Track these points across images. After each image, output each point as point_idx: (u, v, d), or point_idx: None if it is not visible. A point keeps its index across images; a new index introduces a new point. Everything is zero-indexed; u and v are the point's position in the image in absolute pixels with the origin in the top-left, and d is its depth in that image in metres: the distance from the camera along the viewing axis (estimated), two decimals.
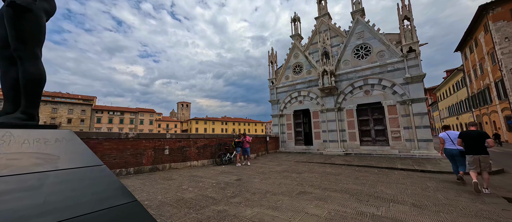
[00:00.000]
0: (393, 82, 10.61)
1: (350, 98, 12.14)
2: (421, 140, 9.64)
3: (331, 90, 12.50)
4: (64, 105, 49.95)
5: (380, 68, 11.12)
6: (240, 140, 8.73)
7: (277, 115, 15.17)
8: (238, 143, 8.57)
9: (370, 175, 6.31)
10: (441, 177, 6.03)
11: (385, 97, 10.96)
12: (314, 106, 13.60)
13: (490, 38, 19.09)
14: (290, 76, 15.08)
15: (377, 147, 11.01)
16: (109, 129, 55.96)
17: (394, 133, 10.52)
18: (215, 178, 5.85)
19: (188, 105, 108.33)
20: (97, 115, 55.91)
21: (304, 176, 6.23)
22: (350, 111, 12.05)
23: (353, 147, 11.72)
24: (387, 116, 10.82)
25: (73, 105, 51.70)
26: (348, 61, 12.40)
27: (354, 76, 12.01)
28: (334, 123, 12.35)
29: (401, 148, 10.27)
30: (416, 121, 9.82)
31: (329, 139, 12.45)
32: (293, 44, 15.03)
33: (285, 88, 15.14)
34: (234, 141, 8.62)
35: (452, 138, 5.36)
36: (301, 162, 9.58)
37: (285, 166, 8.44)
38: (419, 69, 9.90)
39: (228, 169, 7.47)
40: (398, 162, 8.34)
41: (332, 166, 8.16)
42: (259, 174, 6.51)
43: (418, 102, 9.83)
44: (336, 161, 9.35)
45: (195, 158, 7.95)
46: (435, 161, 8.28)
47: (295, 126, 14.58)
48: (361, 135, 11.71)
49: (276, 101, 15.39)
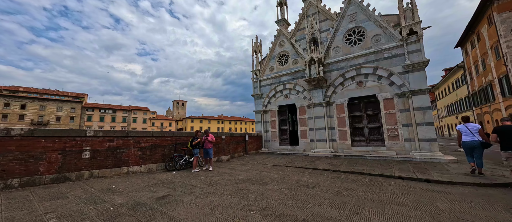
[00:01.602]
0: (390, 72, 8.95)
1: (341, 91, 10.45)
2: (423, 140, 8.00)
3: (319, 82, 10.80)
4: (53, 103, 48.38)
5: (376, 55, 9.44)
6: (200, 140, 6.98)
7: (260, 111, 13.44)
8: (197, 144, 6.80)
9: (357, 187, 4.62)
10: (454, 190, 4.36)
11: (381, 90, 9.29)
12: (301, 101, 11.90)
13: (494, 31, 17.59)
14: (275, 67, 13.34)
15: (371, 147, 9.35)
16: (101, 127, 54.34)
17: (391, 131, 8.87)
18: (133, 194, 4.09)
19: (184, 103, 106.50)
20: (87, 112, 54.75)
21: (266, 189, 4.51)
22: (341, 106, 10.37)
23: (344, 148, 10.04)
24: (382, 111, 9.16)
25: (62, 102, 50.38)
26: (338, 48, 10.70)
27: (345, 66, 10.32)
28: (323, 120, 10.67)
29: (399, 149, 8.63)
30: (417, 116, 8.17)
31: (317, 138, 10.76)
32: (279, 31, 13.28)
33: (270, 81, 13.40)
34: (190, 142, 6.83)
35: (471, 130, 5.21)
36: (278, 166, 7.87)
37: (254, 172, 6.71)
38: (422, 54, 8.24)
39: (173, 177, 5.70)
40: (396, 167, 6.68)
41: (312, 173, 6.46)
42: (206, 186, 4.77)
43: (420, 94, 8.18)
44: (321, 165, 7.66)
45: (137, 162, 6.16)
46: (441, 166, 6.64)
47: (280, 123, 12.87)
48: (353, 134, 10.04)
49: (260, 96, 13.65)
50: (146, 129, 64.60)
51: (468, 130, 5.29)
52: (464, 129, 5.35)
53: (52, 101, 47.87)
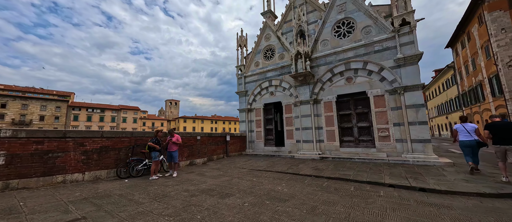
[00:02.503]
0: (381, 66, 8.20)
1: (329, 88, 9.64)
2: (415, 140, 7.27)
3: (306, 78, 9.95)
4: (36, 101, 46.07)
5: (366, 48, 8.68)
6: (163, 142, 5.93)
7: (244, 109, 12.47)
8: (155, 146, 5.71)
9: (339, 200, 3.73)
10: (456, 202, 3.54)
11: (371, 86, 8.53)
12: (287, 98, 11.02)
13: (485, 31, 17.40)
14: (261, 62, 12.41)
15: (360, 149, 8.57)
16: (88, 127, 52.23)
17: (382, 131, 8.11)
18: (34, 217, 3.04)
19: (177, 103, 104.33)
20: (74, 112, 52.70)
21: (223, 205, 3.55)
22: (329, 104, 9.56)
23: (332, 149, 9.23)
24: (373, 109, 8.39)
25: (46, 101, 48.20)
26: (327, 41, 9.89)
27: (334, 60, 9.52)
28: (309, 119, 9.82)
29: (390, 150, 7.87)
30: (410, 114, 7.44)
31: (303, 139, 9.90)
32: (265, 23, 12.37)
33: (255, 77, 12.46)
34: (148, 145, 5.74)
35: (468, 130, 5.36)
36: (257, 170, 6.94)
37: (225, 179, 5.74)
38: (415, 47, 7.52)
39: (117, 188, 4.64)
40: (386, 172, 5.87)
41: (291, 180, 5.55)
42: (148, 202, 3.75)
43: (413, 90, 7.45)
44: (304, 169, 6.77)
45: (78, 169, 5.06)
46: (436, 170, 5.88)
47: (266, 122, 11.95)
48: (341, 134, 9.24)
49: (244, 93, 12.68)
50: (136, 129, 62.43)
51: (465, 130, 5.42)
52: (462, 128, 5.50)
53: (36, 100, 45.57)
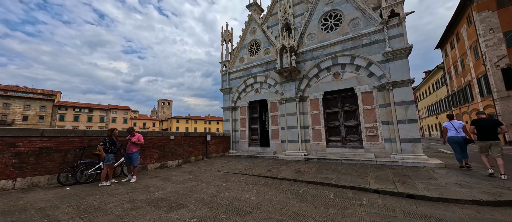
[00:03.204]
0: (369, 60, 7.67)
1: (316, 85, 9.05)
2: (405, 140, 6.75)
3: (292, 74, 9.32)
4: (19, 100, 43.91)
5: (353, 41, 8.14)
6: (123, 143, 5.10)
7: (228, 107, 11.73)
8: (110, 148, 4.87)
9: (312, 212, 3.06)
10: (449, 212, 2.96)
11: (359, 82, 7.99)
12: (273, 96, 10.37)
13: (473, 31, 17.42)
14: (246, 57, 11.71)
15: (347, 149, 8.00)
16: (75, 127, 50.10)
17: (370, 130, 7.57)
18: None
19: (170, 103, 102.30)
20: (60, 111, 50.53)
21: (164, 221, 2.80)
22: (315, 101, 8.96)
23: (318, 149, 8.62)
24: (361, 107, 7.85)
25: (30, 100, 46.01)
26: (313, 35, 9.30)
27: (320, 55, 8.94)
28: (295, 117, 9.19)
29: (379, 151, 7.33)
30: (399, 112, 6.92)
31: (288, 139, 9.26)
32: (250, 16, 11.69)
33: (239, 73, 11.74)
34: (98, 147, 4.88)
35: (456, 127, 5.56)
36: (233, 173, 6.22)
37: (190, 184, 5.00)
38: (404, 40, 7.02)
39: (42, 200, 3.79)
40: (373, 174, 5.28)
41: (266, 185, 4.86)
42: (67, 219, 2.97)
43: (402, 86, 6.94)
44: (284, 172, 6.10)
45: (8, 175, 4.17)
46: (426, 172, 5.34)
47: (250, 121, 11.24)
48: (328, 133, 8.65)
49: (228, 90, 11.94)
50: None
51: (453, 127, 5.62)
52: (450, 126, 5.69)
53: (18, 98, 43.31)
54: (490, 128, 4.66)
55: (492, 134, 4.62)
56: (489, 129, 4.65)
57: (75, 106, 52.26)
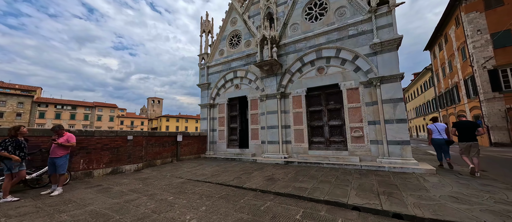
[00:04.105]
0: (356, 53, 6.90)
1: (298, 80, 8.20)
2: (392, 142, 6.01)
3: (273, 67, 8.43)
4: None
5: (339, 32, 7.34)
6: (27, 147, 3.95)
7: (206, 104, 10.68)
8: (14, 152, 3.68)
9: None
10: None
11: (345, 77, 7.21)
12: (253, 92, 9.44)
13: (461, 32, 17.30)
14: (226, 50, 10.71)
15: (331, 151, 7.21)
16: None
17: (355, 131, 6.80)
18: None
19: (160, 101, 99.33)
20: (40, 108, 47.56)
21: None
22: (298, 98, 8.12)
23: (299, 152, 7.78)
24: (346, 105, 7.07)
25: (6, 96, 42.97)
26: (297, 25, 8.45)
27: (304, 47, 8.10)
28: (276, 116, 8.30)
29: (364, 153, 6.58)
30: (387, 111, 6.18)
31: (268, 140, 8.36)
32: (231, 5, 10.68)
33: (219, 67, 10.72)
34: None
35: (439, 129, 5.87)
36: (194, 180, 5.23)
37: (129, 197, 3.96)
38: (393, 30, 6.29)
39: None
40: (355, 183, 4.46)
41: (224, 198, 3.91)
42: None
43: (390, 81, 6.20)
44: (254, 179, 5.18)
45: None
46: (415, 180, 4.59)
47: (230, 120, 10.26)
48: (311, 134, 7.83)
49: (206, 86, 10.89)
50: (113, 128, 57.57)
51: (436, 129, 5.89)
52: (434, 128, 5.95)
53: None
54: (469, 129, 4.99)
55: (471, 135, 4.96)
56: (469, 130, 4.99)
57: (57, 103, 49.42)
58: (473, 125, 5.01)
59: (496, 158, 8.40)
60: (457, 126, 5.21)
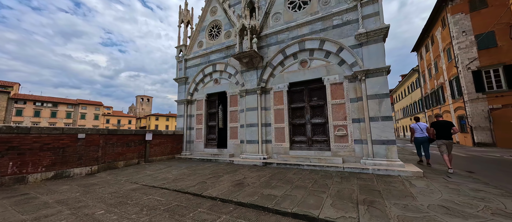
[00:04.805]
0: (341, 45, 6.33)
1: (280, 74, 7.55)
2: (377, 142, 5.48)
3: (253, 60, 7.72)
4: None
5: (323, 22, 6.75)
6: None
7: (183, 100, 9.80)
8: None
9: None
10: None
11: (328, 71, 6.63)
12: (233, 87, 8.69)
13: (447, 33, 17.45)
14: (205, 42, 9.88)
15: (313, 152, 6.60)
16: (35, 123, 43.87)
17: (339, 130, 6.23)
18: None
19: (149, 99, 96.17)
20: (17, 105, 44.18)
21: None
22: (279, 94, 7.46)
23: (280, 152, 7.13)
24: (329, 102, 6.49)
25: None
26: (279, 15, 7.79)
27: (286, 38, 7.45)
28: (255, 113, 7.60)
29: (347, 154, 6.02)
30: (372, 107, 5.64)
31: (247, 139, 7.64)
32: None
33: (197, 60, 9.87)
34: None
35: (422, 128, 6.20)
36: (150, 186, 4.42)
37: (43, 212, 3.09)
38: (380, 19, 5.76)
39: None
40: (333, 189, 3.84)
41: (170, 211, 3.14)
42: None
43: (376, 75, 5.67)
44: (220, 184, 4.44)
45: None
46: (401, 185, 4.04)
47: (208, 118, 9.44)
48: (292, 133, 7.20)
49: (184, 80, 10.01)
50: (98, 127, 54.66)
51: (419, 128, 6.19)
52: (417, 127, 6.25)
53: None
54: (445, 128, 5.37)
55: (447, 134, 5.32)
56: (445, 129, 5.37)
57: (36, 100, 46.13)
58: (448, 124, 5.41)
59: (481, 158, 8.20)
60: (434, 125, 5.58)
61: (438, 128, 5.48)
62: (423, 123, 6.27)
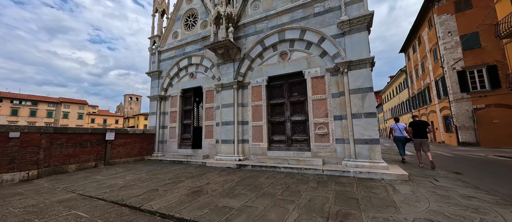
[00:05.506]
0: (322, 35, 5.74)
1: (259, 67, 6.88)
2: (360, 141, 4.92)
3: (229, 52, 6.99)
4: None
5: (304, 10, 6.15)
6: None
7: (156, 96, 8.90)
8: None
9: None
10: None
11: (309, 64, 6.03)
12: (209, 82, 7.92)
13: (434, 34, 17.54)
14: (180, 32, 9.04)
15: (292, 152, 5.97)
16: (12, 123, 40.61)
17: (320, 128, 5.63)
18: None
19: (138, 98, 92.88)
20: None
21: None
22: (258, 89, 6.79)
23: (257, 153, 6.45)
24: (310, 97, 5.89)
25: None
26: (258, 3, 7.12)
27: (265, 27, 6.79)
28: (232, 110, 6.88)
29: (328, 155, 5.43)
30: (354, 102, 5.08)
31: (222, 138, 6.90)
32: None
33: (172, 52, 9.01)
34: None
35: (400, 128, 6.61)
36: (84, 197, 3.59)
37: None
38: (363, 6, 5.22)
39: None
40: (306, 196, 3.19)
41: None
42: None
43: (359, 67, 5.11)
44: (171, 194, 3.68)
45: None
46: (383, 191, 3.47)
47: (183, 115, 8.61)
48: (271, 132, 6.54)
49: (157, 74, 9.12)
50: (82, 126, 51.72)
51: (398, 128, 6.65)
52: (396, 127, 6.71)
53: None
54: (421, 127, 5.67)
55: (422, 133, 5.62)
56: (420, 128, 5.67)
57: (13, 98, 42.85)
58: (424, 123, 5.72)
59: (466, 158, 7.93)
60: (412, 125, 5.88)
61: (415, 127, 5.78)
62: (402, 123, 6.71)
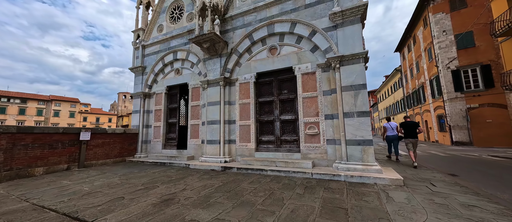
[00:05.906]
0: (313, 28, 5.35)
1: (247, 63, 6.44)
2: (352, 142, 4.56)
3: (216, 46, 6.53)
4: None
5: (295, 1, 5.74)
6: None
7: (140, 94, 8.37)
8: None
9: None
10: None
11: (300, 59, 5.63)
12: (195, 78, 7.44)
13: (429, 33, 17.41)
14: (165, 25, 8.50)
15: (281, 153, 5.58)
16: (1, 121, 39.03)
17: (310, 127, 5.25)
18: None
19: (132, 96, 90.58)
20: None
21: None
22: (246, 86, 6.35)
23: (245, 154, 6.03)
24: (300, 94, 5.49)
25: None
26: None
27: (253, 20, 6.35)
28: (218, 108, 6.43)
29: (319, 156, 5.06)
30: (346, 100, 4.71)
31: (207, 139, 6.45)
32: None
33: (156, 46, 8.48)
34: None
35: (392, 127, 6.80)
36: (35, 207, 3.10)
37: None
38: None
39: None
40: (288, 206, 2.80)
41: None
42: None
43: (351, 63, 4.74)
44: (134, 205, 3.23)
45: None
46: (376, 198, 3.11)
47: (168, 114, 8.11)
48: (260, 132, 6.13)
49: (141, 70, 8.57)
50: (74, 125, 50.23)
51: (390, 127, 6.83)
52: (388, 126, 6.87)
53: None
54: (412, 128, 5.82)
55: (412, 133, 5.78)
56: (411, 129, 5.82)
57: (1, 95, 40.98)
58: (414, 124, 5.86)
59: (460, 158, 7.72)
60: (403, 125, 6.05)
61: (406, 128, 5.92)
62: (394, 123, 6.85)
